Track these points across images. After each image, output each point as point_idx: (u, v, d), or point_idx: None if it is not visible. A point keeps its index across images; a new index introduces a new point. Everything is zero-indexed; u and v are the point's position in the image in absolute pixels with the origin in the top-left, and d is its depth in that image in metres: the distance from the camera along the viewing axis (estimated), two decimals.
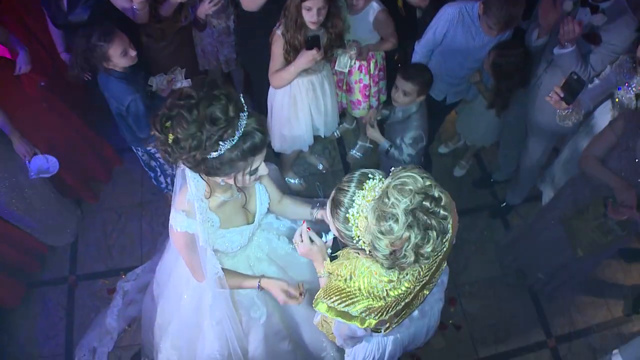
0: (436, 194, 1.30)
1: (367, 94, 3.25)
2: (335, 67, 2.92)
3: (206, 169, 1.54)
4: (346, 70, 2.94)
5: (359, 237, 1.39)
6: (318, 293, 1.70)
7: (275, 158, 3.55)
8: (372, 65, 3.12)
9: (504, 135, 3.38)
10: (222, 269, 1.89)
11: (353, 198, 1.39)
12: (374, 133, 2.87)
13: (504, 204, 3.64)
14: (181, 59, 3.12)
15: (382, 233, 1.29)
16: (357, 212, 1.37)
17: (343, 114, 3.71)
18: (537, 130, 3.01)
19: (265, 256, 2.19)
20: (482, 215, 3.69)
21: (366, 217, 1.34)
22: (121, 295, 3.11)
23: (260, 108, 3.28)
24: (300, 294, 1.96)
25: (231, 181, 1.65)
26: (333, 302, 1.59)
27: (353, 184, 1.41)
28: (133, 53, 2.59)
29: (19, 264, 3.22)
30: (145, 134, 2.76)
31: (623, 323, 3.27)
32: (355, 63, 3.00)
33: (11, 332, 3.13)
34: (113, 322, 3.03)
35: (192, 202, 1.71)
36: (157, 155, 3.03)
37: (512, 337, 3.21)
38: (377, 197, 1.33)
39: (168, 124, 1.47)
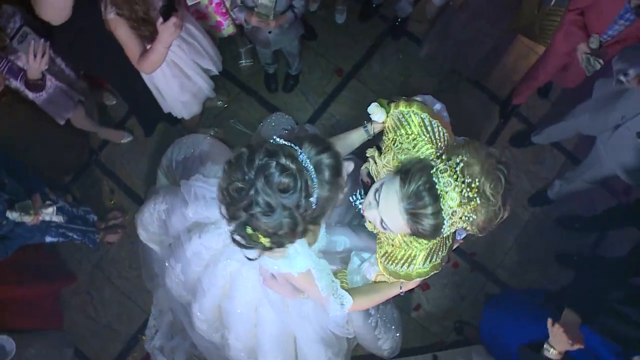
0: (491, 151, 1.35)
1: (223, 11, 2.79)
2: (188, 3, 2.44)
3: (310, 225, 1.35)
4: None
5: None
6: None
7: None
8: None
9: None
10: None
11: (444, 214, 1.33)
12: None
13: (398, 20, 3.54)
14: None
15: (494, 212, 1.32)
16: (458, 216, 1.34)
17: None
18: None
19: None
20: (386, 43, 3.61)
21: (474, 211, 1.31)
22: (161, 353, 2.93)
23: (140, 101, 2.80)
24: None
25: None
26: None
27: (430, 203, 1.33)
28: None
29: None
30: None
31: None
32: None
33: None
34: None
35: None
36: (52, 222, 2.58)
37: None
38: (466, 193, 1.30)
39: (251, 231, 1.26)
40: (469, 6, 2.85)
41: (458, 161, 1.31)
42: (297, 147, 1.29)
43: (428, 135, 1.56)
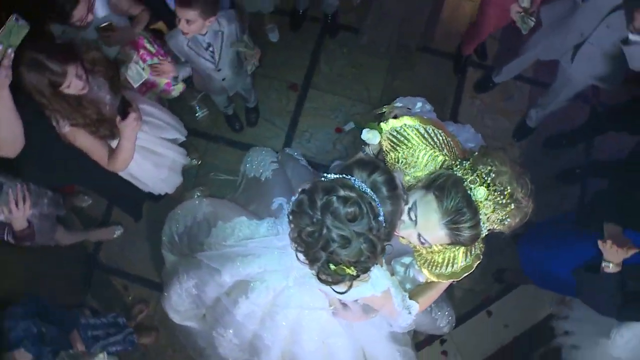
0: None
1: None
2: (134, 85, 2.38)
3: (386, 242, 1.38)
4: (144, 78, 2.41)
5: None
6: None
7: None
8: (147, 44, 2.55)
9: None
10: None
11: (481, 222, 1.42)
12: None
13: (328, 18, 3.56)
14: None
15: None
16: (492, 220, 1.43)
17: None
18: None
19: None
20: (327, 44, 3.63)
21: (508, 215, 1.41)
22: None
23: (118, 192, 2.72)
24: None
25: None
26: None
27: (471, 217, 1.41)
28: None
29: None
30: None
31: None
32: (144, 66, 2.43)
33: None
34: None
35: None
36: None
37: None
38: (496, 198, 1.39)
39: (334, 266, 1.29)
40: None
41: (487, 171, 1.40)
42: (349, 176, 1.33)
43: (430, 144, 1.62)
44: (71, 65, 1.87)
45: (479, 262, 1.69)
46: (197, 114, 3.46)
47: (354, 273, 1.33)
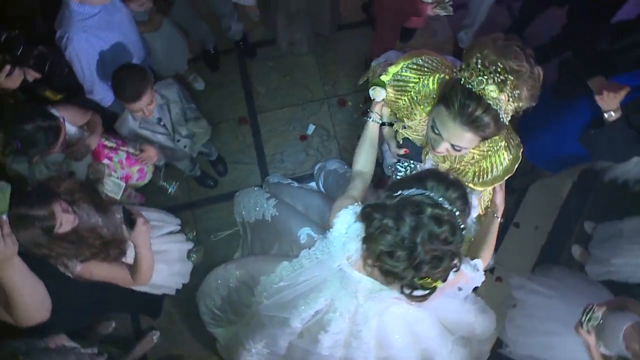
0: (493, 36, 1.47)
1: (134, 160, 2.67)
2: (117, 197, 2.31)
3: None
4: (123, 186, 2.35)
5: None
6: None
7: None
8: (105, 142, 2.52)
9: None
10: None
11: (494, 105, 1.43)
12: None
13: (240, 42, 3.55)
14: None
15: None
16: (505, 100, 1.44)
17: None
18: None
19: None
20: (251, 66, 3.64)
21: (515, 88, 1.41)
22: None
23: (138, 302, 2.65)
24: None
25: None
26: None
27: (477, 106, 1.44)
28: None
29: None
30: None
31: None
32: (117, 176, 2.37)
33: None
34: None
35: None
36: None
37: None
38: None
39: (422, 281, 1.32)
40: None
41: (475, 60, 1.42)
42: (428, 191, 1.33)
43: (431, 70, 1.67)
44: (54, 203, 1.80)
45: (517, 164, 1.73)
46: (169, 191, 3.39)
47: (440, 285, 1.36)
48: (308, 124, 3.49)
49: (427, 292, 1.42)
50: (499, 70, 1.39)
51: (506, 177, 1.76)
